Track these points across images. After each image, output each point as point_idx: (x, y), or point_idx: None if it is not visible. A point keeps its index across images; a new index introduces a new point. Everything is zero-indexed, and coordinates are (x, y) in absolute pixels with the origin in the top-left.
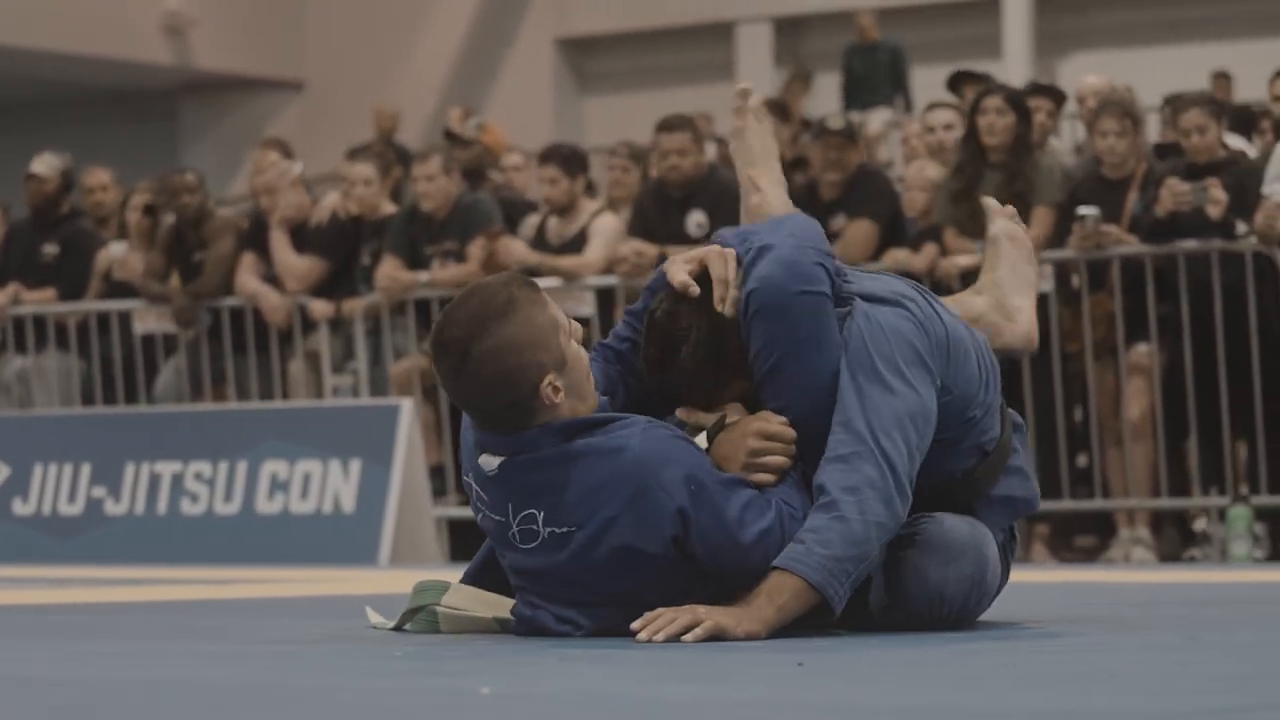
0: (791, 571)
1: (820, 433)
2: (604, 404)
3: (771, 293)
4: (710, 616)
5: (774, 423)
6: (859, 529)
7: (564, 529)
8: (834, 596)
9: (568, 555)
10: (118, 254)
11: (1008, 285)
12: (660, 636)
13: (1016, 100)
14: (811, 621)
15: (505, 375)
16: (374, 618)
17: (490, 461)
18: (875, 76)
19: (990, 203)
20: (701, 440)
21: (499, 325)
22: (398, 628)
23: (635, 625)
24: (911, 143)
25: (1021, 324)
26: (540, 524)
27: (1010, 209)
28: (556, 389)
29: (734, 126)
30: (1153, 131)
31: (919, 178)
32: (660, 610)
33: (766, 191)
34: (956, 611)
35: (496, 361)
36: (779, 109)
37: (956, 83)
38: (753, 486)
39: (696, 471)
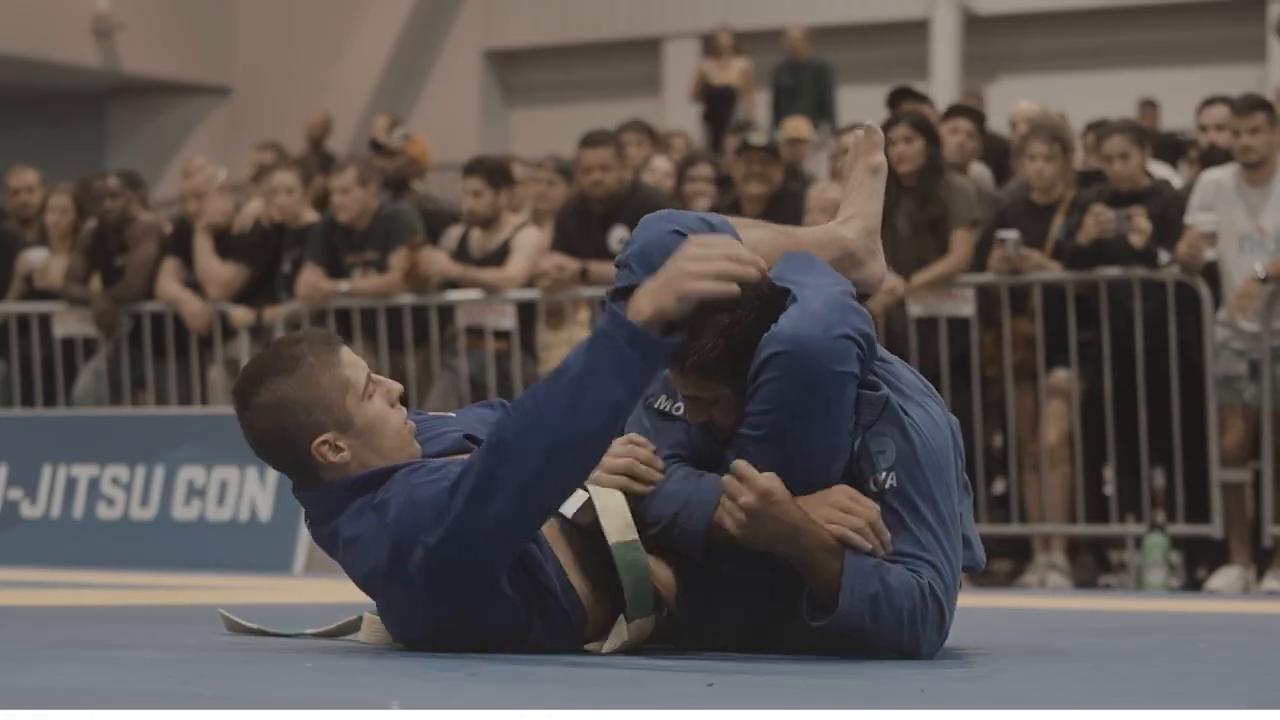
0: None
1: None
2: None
3: (806, 363)
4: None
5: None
6: (907, 622)
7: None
8: (847, 598)
9: (382, 599)
10: (38, 262)
11: (876, 221)
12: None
13: (922, 124)
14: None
15: (278, 431)
16: (230, 621)
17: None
18: (802, 89)
19: (859, 134)
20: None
21: (275, 382)
22: (333, 633)
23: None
24: (838, 162)
25: (881, 261)
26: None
27: (878, 145)
28: (336, 448)
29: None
30: (1076, 158)
31: (821, 199)
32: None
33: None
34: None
35: (271, 417)
36: None
37: (896, 100)
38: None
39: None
